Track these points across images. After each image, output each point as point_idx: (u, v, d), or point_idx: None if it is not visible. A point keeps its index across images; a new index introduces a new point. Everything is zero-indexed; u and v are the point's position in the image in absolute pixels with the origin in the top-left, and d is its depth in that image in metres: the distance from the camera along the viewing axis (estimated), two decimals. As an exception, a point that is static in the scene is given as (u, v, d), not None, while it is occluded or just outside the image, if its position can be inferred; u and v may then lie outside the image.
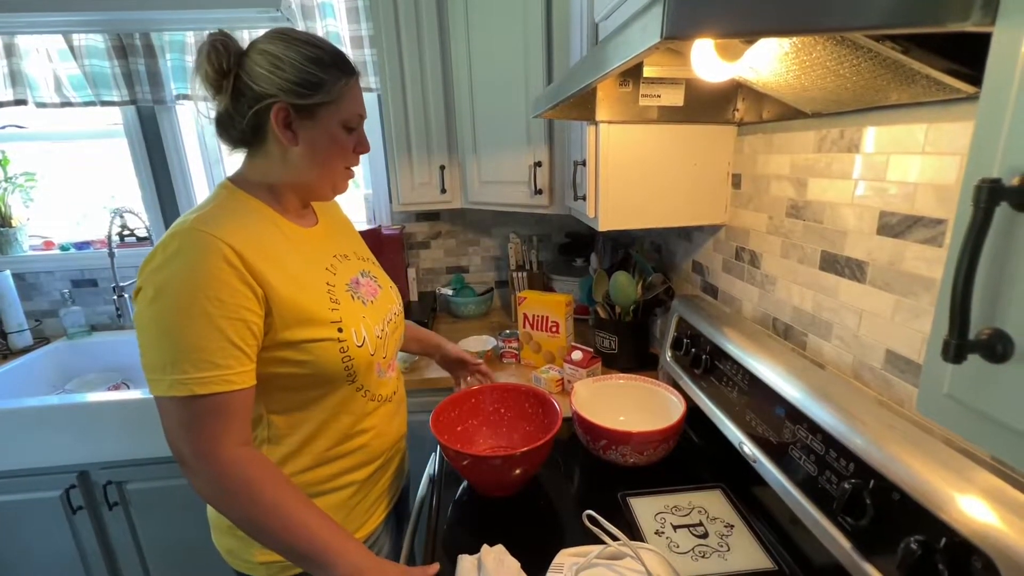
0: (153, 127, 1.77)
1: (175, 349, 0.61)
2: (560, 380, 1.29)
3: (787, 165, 0.87)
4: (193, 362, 0.61)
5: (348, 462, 0.79)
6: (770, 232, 0.94)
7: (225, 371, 0.62)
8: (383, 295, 0.86)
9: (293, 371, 0.70)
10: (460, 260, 1.98)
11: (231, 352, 0.63)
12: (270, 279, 0.66)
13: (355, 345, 0.74)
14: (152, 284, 0.61)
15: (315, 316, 0.70)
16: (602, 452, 0.94)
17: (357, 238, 0.95)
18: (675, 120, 1.02)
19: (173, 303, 0.61)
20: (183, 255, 0.62)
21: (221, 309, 0.61)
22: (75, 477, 1.42)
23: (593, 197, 1.07)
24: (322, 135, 0.72)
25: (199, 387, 0.61)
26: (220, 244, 0.62)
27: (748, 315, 1.02)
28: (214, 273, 0.61)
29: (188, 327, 0.60)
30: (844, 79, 0.58)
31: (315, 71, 0.69)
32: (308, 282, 0.72)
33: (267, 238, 0.70)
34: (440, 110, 1.52)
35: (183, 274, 0.61)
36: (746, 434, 0.80)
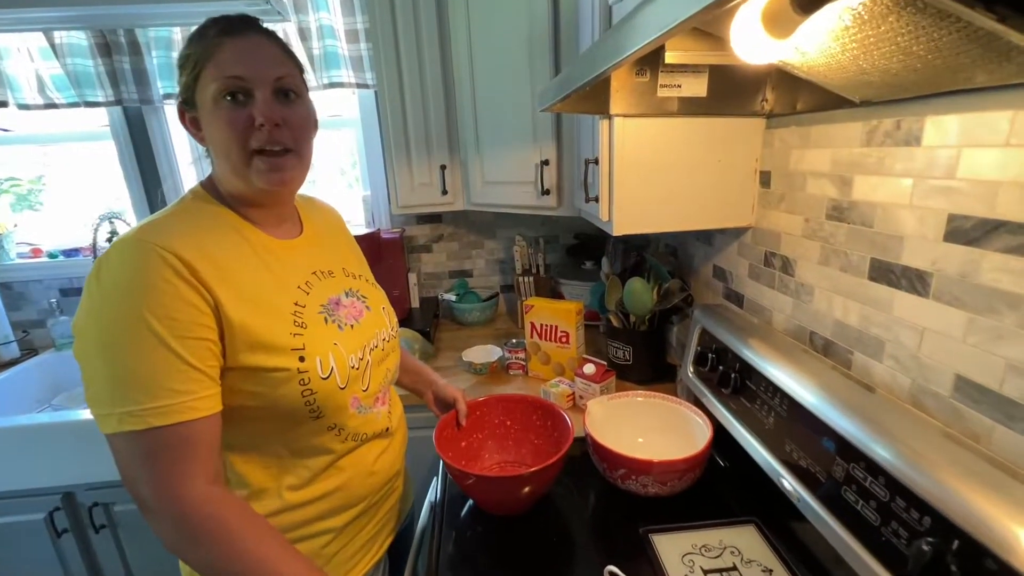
0: (141, 128, 1.70)
1: (124, 377, 0.53)
2: (571, 395, 1.20)
3: (827, 161, 0.78)
4: (146, 390, 0.53)
5: (320, 507, 0.69)
6: (806, 236, 0.84)
7: (185, 397, 0.54)
8: (369, 318, 0.76)
9: (248, 403, 0.61)
10: (463, 264, 1.90)
11: (190, 375, 0.55)
12: (222, 293, 0.58)
13: (319, 377, 0.64)
14: (92, 306, 0.54)
15: (271, 341, 0.61)
16: (620, 481, 0.85)
17: (350, 251, 0.85)
18: (697, 112, 0.92)
19: (117, 324, 0.53)
20: (124, 269, 0.54)
21: (173, 327, 0.54)
22: (60, 499, 1.34)
23: (607, 199, 0.98)
24: (207, 118, 0.61)
25: (156, 418, 0.53)
26: (164, 254, 0.54)
27: (780, 327, 0.93)
28: (160, 287, 0.53)
29: (136, 351, 0.52)
30: (915, 58, 0.48)
31: (185, 50, 0.62)
32: (269, 301, 0.63)
33: (225, 249, 0.61)
34: (440, 106, 1.43)
35: (126, 291, 0.53)
36: (785, 466, 0.71)
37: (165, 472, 0.54)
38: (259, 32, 0.63)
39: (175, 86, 1.58)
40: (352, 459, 0.71)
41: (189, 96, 0.63)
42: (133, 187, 1.75)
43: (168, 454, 0.54)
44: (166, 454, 0.54)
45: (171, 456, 0.54)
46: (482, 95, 1.37)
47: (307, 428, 0.66)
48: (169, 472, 0.54)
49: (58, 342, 1.75)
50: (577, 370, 1.18)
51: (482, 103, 1.37)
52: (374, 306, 0.79)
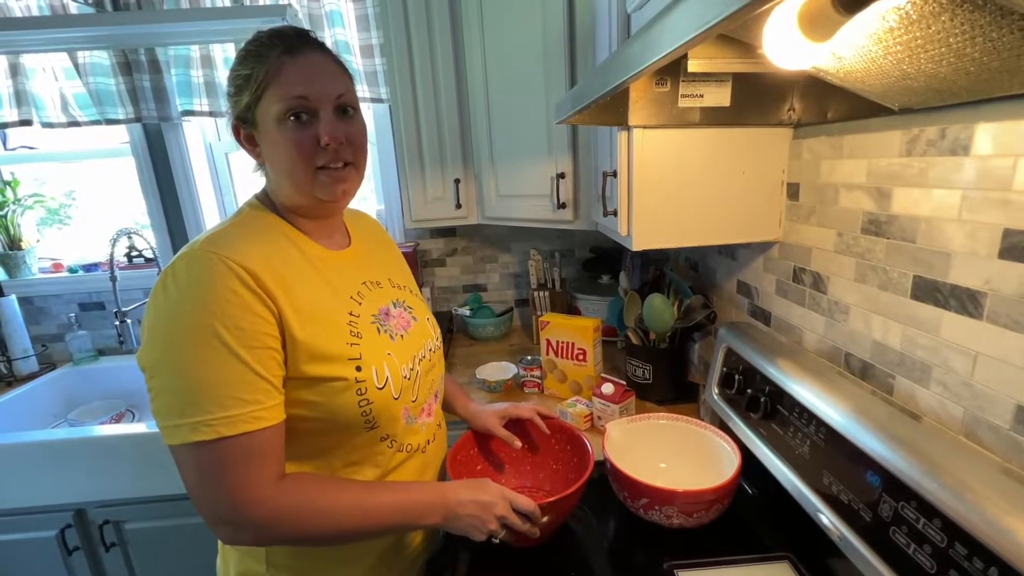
0: (160, 145, 1.72)
1: (193, 388, 0.53)
2: (589, 415, 1.16)
3: (862, 172, 0.73)
4: (216, 400, 0.53)
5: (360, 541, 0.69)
6: (840, 251, 0.79)
7: (254, 407, 0.55)
8: (417, 328, 0.78)
9: (304, 413, 0.62)
10: (477, 278, 1.87)
11: (259, 385, 0.56)
12: (283, 306, 0.59)
13: (375, 387, 0.65)
14: (160, 316, 0.55)
15: (330, 351, 0.62)
16: (642, 511, 0.80)
17: (396, 262, 0.87)
18: (720, 123, 0.88)
19: (186, 336, 0.53)
20: (192, 280, 0.55)
21: (241, 337, 0.54)
22: (71, 516, 1.33)
23: (625, 212, 0.94)
24: (269, 139, 0.63)
25: (227, 427, 0.53)
26: (231, 264, 0.56)
27: (811, 348, 0.87)
28: (228, 298, 0.55)
29: (206, 361, 0.53)
30: (969, 60, 0.44)
31: (239, 70, 0.62)
32: (326, 311, 0.64)
33: (285, 260, 0.63)
34: (454, 119, 1.41)
35: (194, 302, 0.54)
36: (824, 500, 0.66)
37: (239, 481, 0.55)
38: (318, 49, 0.64)
39: (193, 103, 1.61)
40: (402, 472, 0.72)
41: (248, 115, 0.63)
42: (151, 202, 1.76)
43: (239, 463, 0.55)
44: (237, 463, 0.55)
45: (242, 465, 0.55)
46: (496, 108, 1.35)
47: (361, 439, 0.66)
48: (242, 481, 0.55)
49: (76, 356, 1.76)
50: (595, 390, 1.14)
51: (496, 116, 1.36)
52: (420, 316, 0.80)
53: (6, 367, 1.67)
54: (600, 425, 1.13)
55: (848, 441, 0.62)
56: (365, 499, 0.61)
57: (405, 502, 0.63)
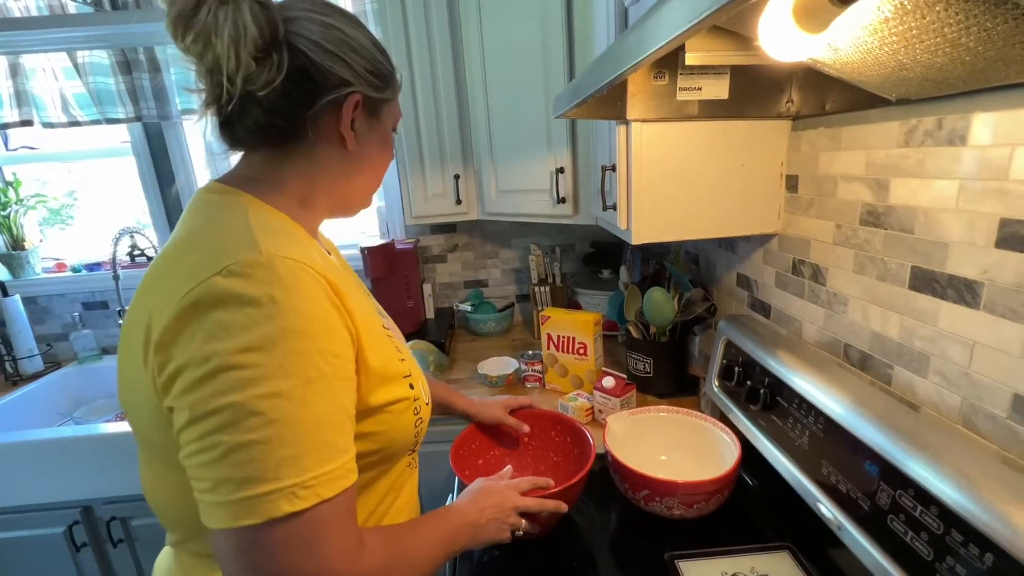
0: (160, 144, 1.72)
1: (291, 439, 0.40)
2: (590, 409, 1.16)
3: (861, 163, 0.73)
4: (318, 452, 0.41)
5: None
6: (839, 243, 0.79)
7: (347, 457, 0.44)
8: (398, 335, 0.71)
9: (364, 448, 0.52)
10: (478, 274, 1.87)
11: (348, 427, 0.45)
12: (358, 323, 0.49)
13: (424, 402, 0.60)
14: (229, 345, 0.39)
15: (391, 370, 0.54)
16: (643, 503, 0.81)
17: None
18: (718, 116, 0.88)
19: (282, 367, 0.40)
20: (284, 297, 0.41)
21: (336, 367, 0.44)
22: (78, 513, 1.35)
23: (625, 206, 0.94)
24: (381, 137, 0.60)
25: (326, 487, 0.41)
26: (314, 275, 0.44)
27: (811, 339, 0.88)
28: (323, 318, 0.44)
29: (307, 400, 0.41)
30: (964, 50, 0.44)
31: (383, 60, 0.57)
32: (373, 324, 0.54)
33: (330, 266, 0.53)
34: (453, 115, 1.41)
35: (292, 325, 0.41)
36: (823, 489, 0.66)
37: (334, 552, 0.42)
38: None
39: (193, 101, 1.61)
40: (409, 484, 0.68)
41: (375, 104, 0.57)
42: (153, 201, 1.77)
43: (332, 530, 0.43)
44: (330, 531, 0.42)
45: (337, 530, 0.43)
46: (495, 103, 1.35)
47: (401, 463, 0.61)
48: (337, 551, 0.43)
49: (80, 355, 1.77)
50: (596, 384, 1.15)
51: (495, 111, 1.36)
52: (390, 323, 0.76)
53: (11, 366, 1.69)
54: (601, 419, 1.14)
55: (847, 431, 0.63)
56: (426, 542, 0.55)
57: (443, 534, 0.58)
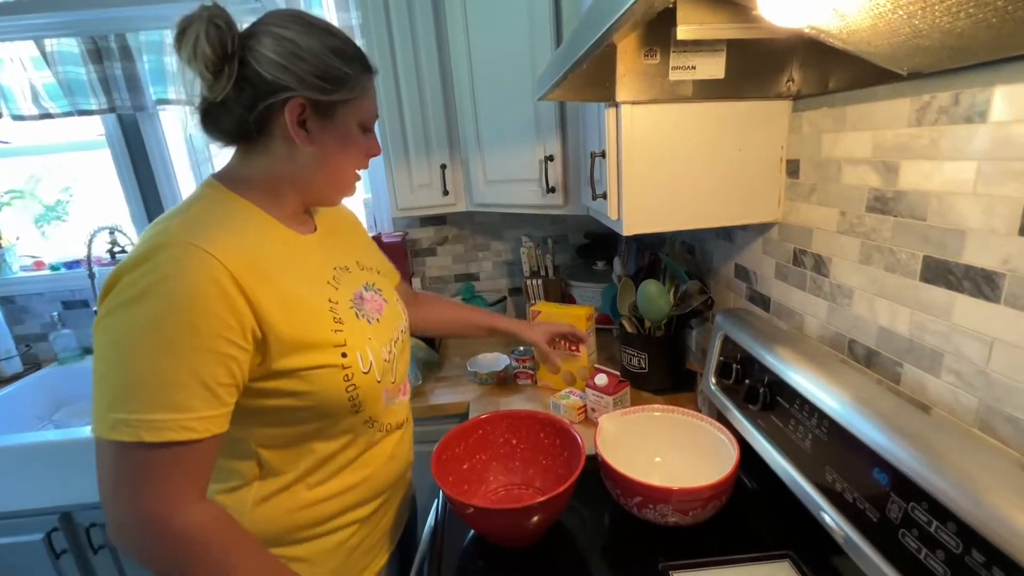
0: (136, 136, 1.66)
1: (125, 381, 0.49)
2: (583, 407, 1.12)
3: (867, 145, 0.68)
4: (145, 400, 0.49)
5: (349, 499, 0.70)
6: (843, 231, 0.74)
7: (185, 415, 0.50)
8: (389, 311, 0.77)
9: (290, 403, 0.61)
10: (469, 267, 1.82)
11: (196, 391, 0.51)
12: (264, 300, 0.56)
13: (361, 372, 0.65)
14: (118, 301, 0.51)
15: (316, 340, 0.61)
16: (636, 509, 0.77)
17: (362, 243, 0.86)
18: (714, 96, 0.83)
19: (135, 324, 0.50)
20: (165, 272, 0.51)
21: (192, 337, 0.50)
22: (57, 519, 1.31)
23: (615, 195, 0.89)
24: (339, 136, 0.64)
25: (149, 432, 0.49)
26: (213, 263, 0.52)
27: (813, 334, 0.83)
28: (196, 296, 0.51)
29: (146, 354, 0.49)
30: (991, 10, 0.39)
31: (338, 64, 0.61)
32: (308, 299, 0.62)
33: (264, 249, 0.60)
34: (438, 102, 1.35)
35: (159, 294, 0.50)
36: (827, 497, 0.62)
37: (151, 492, 0.51)
38: (375, 71, 0.68)
39: (168, 92, 1.55)
40: (378, 449, 0.73)
41: (329, 107, 0.62)
42: (131, 196, 1.71)
43: (156, 474, 0.50)
44: (154, 473, 0.50)
45: (161, 476, 0.51)
46: (482, 88, 1.29)
47: (345, 423, 0.67)
48: (155, 493, 0.51)
49: (60, 355, 1.72)
50: (588, 381, 1.10)
51: (482, 97, 1.30)
52: (390, 299, 0.79)
53: (-11, 368, 1.64)
54: (594, 417, 1.09)
55: (852, 435, 0.58)
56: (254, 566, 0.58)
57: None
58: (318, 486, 0.67)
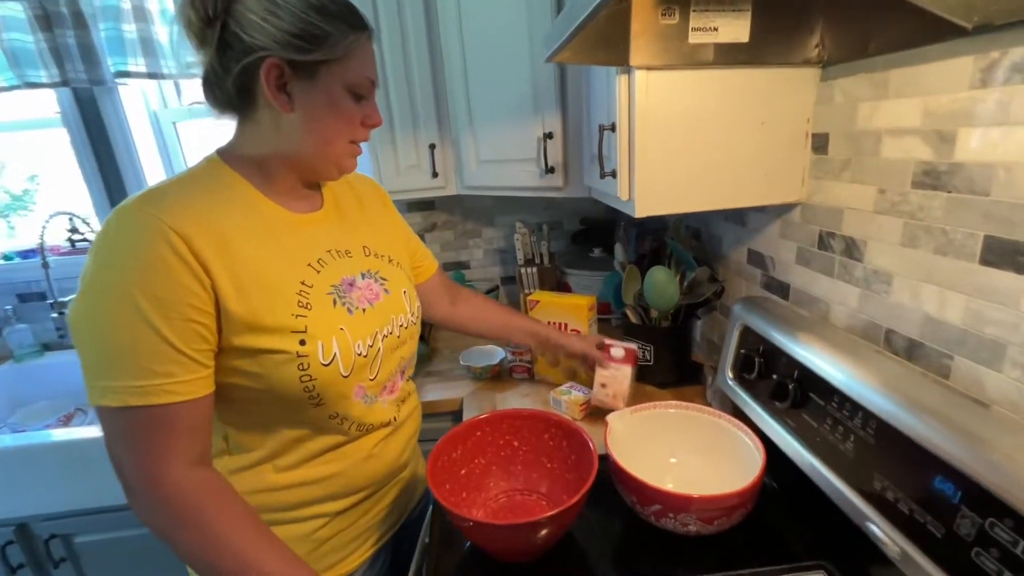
0: (95, 114, 1.52)
1: (107, 351, 0.52)
2: (585, 403, 1.05)
3: (916, 113, 0.61)
4: (125, 367, 0.52)
5: (317, 491, 0.68)
6: (882, 211, 0.67)
7: (164, 380, 0.53)
8: (386, 302, 0.72)
9: (246, 384, 0.60)
10: (460, 255, 1.73)
11: (171, 357, 0.53)
12: (218, 274, 0.55)
13: (319, 363, 0.61)
14: (88, 275, 0.52)
15: (271, 322, 0.58)
16: (654, 519, 0.70)
17: (381, 227, 0.80)
18: (736, 62, 0.75)
19: (107, 298, 0.51)
20: (119, 240, 0.52)
21: (157, 307, 0.51)
22: (12, 532, 1.20)
23: (626, 173, 0.81)
24: (323, 101, 0.60)
25: (132, 397, 0.52)
26: (162, 227, 0.52)
27: (841, 323, 0.76)
28: (152, 263, 0.51)
29: (120, 326, 0.51)
30: None
31: (317, 20, 0.57)
32: (272, 280, 0.59)
33: (233, 223, 0.58)
34: (426, 74, 1.25)
35: (117, 263, 0.52)
36: (875, 507, 0.55)
37: (143, 452, 0.53)
38: (369, 29, 0.63)
39: (127, 63, 1.41)
40: (354, 448, 0.70)
41: (308, 67, 0.58)
42: (91, 179, 1.58)
43: (146, 435, 0.53)
44: (144, 434, 0.53)
45: (149, 437, 0.53)
46: (473, 59, 1.19)
47: (308, 414, 0.64)
48: (146, 453, 0.53)
49: (16, 352, 1.59)
50: (604, 353, 1.00)
51: (474, 69, 1.20)
52: (394, 289, 0.74)
53: (-64, 368, 1.51)
54: (606, 398, 0.99)
55: (908, 438, 0.51)
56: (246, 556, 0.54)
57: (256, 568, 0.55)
58: (286, 471, 0.66)
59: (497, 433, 0.84)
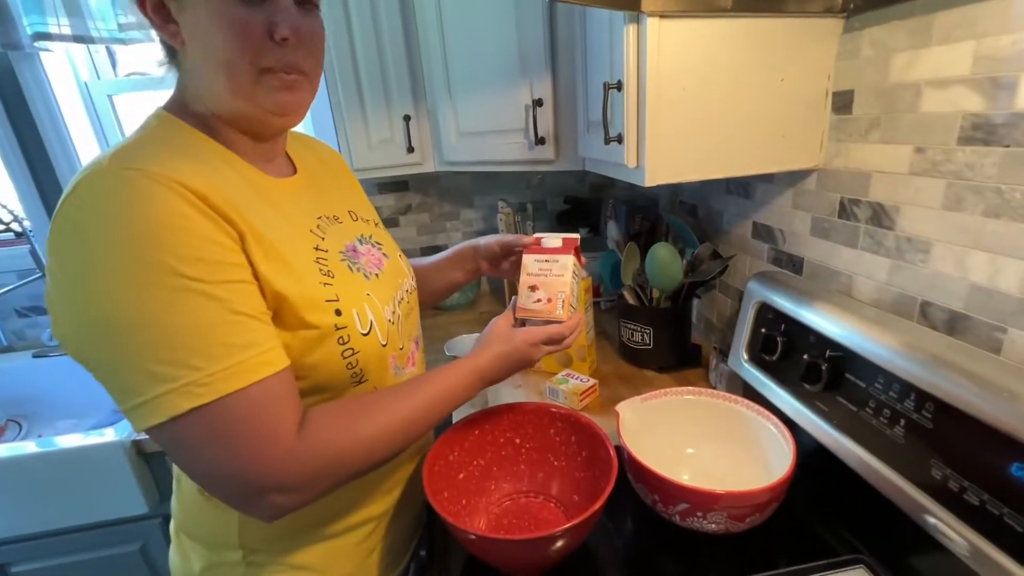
0: (12, 84, 1.32)
1: (167, 343, 0.40)
2: (587, 391, 0.97)
3: (965, 59, 0.54)
4: (203, 352, 0.41)
5: (360, 491, 0.61)
6: (919, 172, 0.61)
7: (253, 351, 0.43)
8: (390, 267, 0.66)
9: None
10: (437, 238, 1.62)
11: (248, 325, 0.44)
12: (243, 230, 0.45)
13: (359, 333, 0.54)
14: (82, 266, 0.40)
15: (302, 293, 0.49)
16: (679, 518, 0.63)
17: (355, 191, 0.74)
18: (756, 9, 0.67)
19: (132, 281, 0.40)
20: (117, 206, 0.41)
21: (206, 271, 0.42)
22: (-66, 564, 1.04)
23: (634, 137, 0.73)
24: (205, 16, 0.46)
25: (226, 382, 0.42)
26: (168, 182, 0.42)
27: (866, 297, 0.71)
28: (175, 223, 0.41)
29: (171, 308, 0.41)
30: None
31: None
32: (288, 245, 0.50)
33: (226, 180, 0.48)
34: (397, 36, 1.13)
35: (129, 233, 0.40)
36: (935, 499, 0.50)
37: (259, 441, 0.44)
38: None
39: (47, 23, 1.22)
40: None
41: None
42: (12, 161, 1.38)
43: (253, 421, 0.43)
44: (250, 421, 0.43)
45: (258, 421, 0.44)
46: (451, 18, 1.07)
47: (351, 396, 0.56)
48: (263, 439, 0.44)
49: (-67, 360, 1.40)
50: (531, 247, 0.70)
51: (452, 29, 1.08)
52: (391, 254, 0.68)
53: None
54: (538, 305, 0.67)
55: (977, 420, 0.46)
56: (403, 408, 0.52)
57: (443, 392, 0.56)
58: None
59: (497, 430, 0.76)
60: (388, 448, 0.52)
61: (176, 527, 0.62)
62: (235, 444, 0.43)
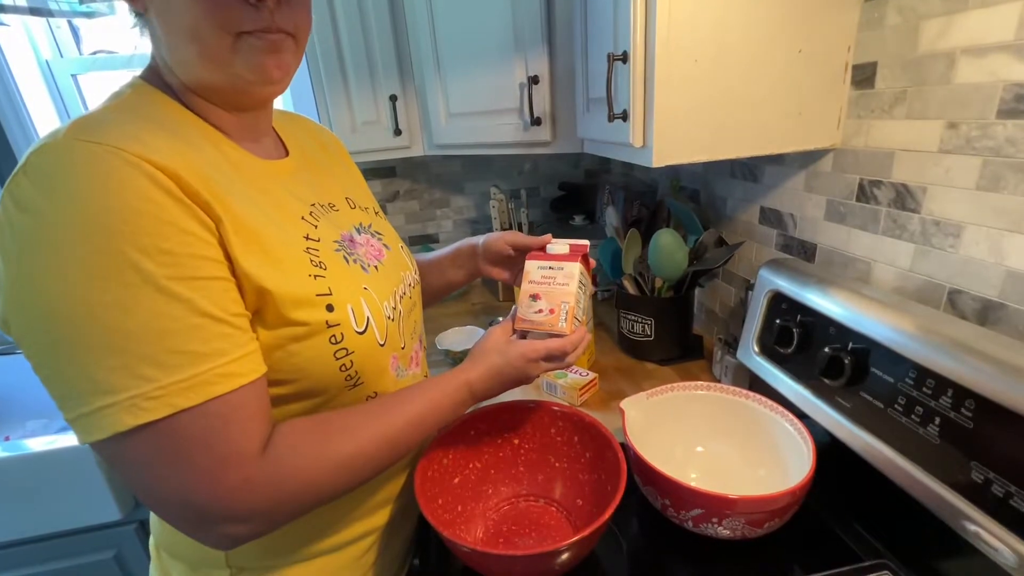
0: (-35, 60, 1.23)
1: (119, 347, 0.35)
2: (586, 386, 0.93)
3: (1008, 23, 0.50)
4: (157, 360, 0.36)
5: (360, 503, 0.56)
6: (950, 150, 0.57)
7: (216, 361, 0.38)
8: (391, 259, 0.60)
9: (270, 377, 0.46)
10: (427, 227, 1.56)
11: (214, 330, 0.38)
12: (220, 216, 0.40)
13: (354, 331, 0.48)
14: (27, 246, 0.35)
15: (288, 287, 0.44)
16: (691, 524, 0.59)
17: (352, 178, 0.67)
18: (774, -27, 0.62)
19: (83, 270, 0.34)
20: (72, 184, 0.35)
21: (169, 265, 0.36)
22: None
23: (641, 113, 0.67)
24: None
25: (182, 396, 0.36)
26: (132, 159, 0.36)
27: (887, 285, 0.67)
28: (139, 207, 0.35)
29: (125, 305, 0.35)
30: None
31: None
32: (274, 233, 0.45)
33: (206, 159, 0.43)
34: (383, 11, 1.06)
35: (82, 216, 0.34)
36: (975, 504, 0.46)
37: (215, 463, 0.38)
38: None
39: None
40: None
41: None
42: (-32, 144, 1.29)
43: (210, 440, 0.38)
44: (208, 441, 0.38)
45: (216, 441, 0.38)
46: (441, -10, 1.01)
47: (343, 400, 0.50)
48: (220, 461, 0.38)
49: None
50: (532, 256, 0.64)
51: (441, 2, 1.01)
52: (392, 244, 0.63)
53: None
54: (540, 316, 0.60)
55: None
56: (383, 426, 0.47)
57: (428, 409, 0.51)
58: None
59: (495, 430, 0.71)
60: (364, 471, 0.46)
61: (156, 544, 0.57)
62: (184, 467, 0.38)
